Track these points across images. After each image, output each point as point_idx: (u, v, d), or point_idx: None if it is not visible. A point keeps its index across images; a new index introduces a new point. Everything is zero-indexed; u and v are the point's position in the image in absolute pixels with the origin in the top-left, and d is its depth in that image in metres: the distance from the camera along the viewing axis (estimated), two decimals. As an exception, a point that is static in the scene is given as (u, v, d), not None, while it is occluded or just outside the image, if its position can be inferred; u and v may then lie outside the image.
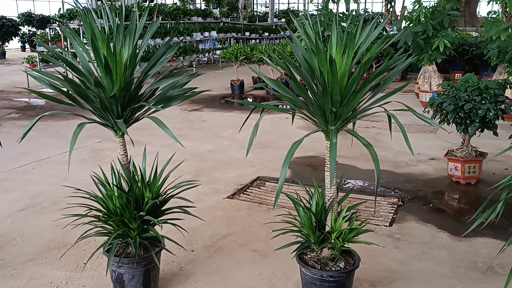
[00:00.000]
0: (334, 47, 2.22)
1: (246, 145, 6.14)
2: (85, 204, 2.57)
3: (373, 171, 2.19)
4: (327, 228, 2.44)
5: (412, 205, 4.05)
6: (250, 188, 4.45)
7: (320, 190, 2.53)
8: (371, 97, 2.39)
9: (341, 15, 7.75)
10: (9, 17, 19.55)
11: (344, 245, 2.42)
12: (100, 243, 3.21)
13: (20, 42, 21.43)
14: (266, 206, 4.00)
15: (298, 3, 31.40)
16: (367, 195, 4.24)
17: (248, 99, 9.90)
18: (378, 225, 3.61)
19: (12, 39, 19.85)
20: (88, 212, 2.56)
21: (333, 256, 2.44)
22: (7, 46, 19.71)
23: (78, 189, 2.62)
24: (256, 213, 3.86)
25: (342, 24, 7.82)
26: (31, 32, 20.57)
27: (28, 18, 20.16)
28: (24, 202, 4.06)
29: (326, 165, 2.37)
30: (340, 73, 2.16)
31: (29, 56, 12.14)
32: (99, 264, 3.00)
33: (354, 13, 10.81)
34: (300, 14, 21.11)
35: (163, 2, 21.19)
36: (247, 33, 17.26)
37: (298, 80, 2.30)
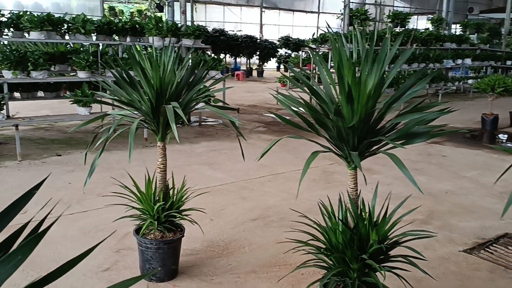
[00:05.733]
0: None
1: (495, 192, 5.28)
2: (308, 232, 2.51)
3: None
4: None
5: None
6: (494, 245, 3.74)
7: None
8: None
9: None
10: (271, 40, 22.08)
11: None
12: (317, 271, 3.14)
13: (276, 63, 23.94)
14: (515, 273, 3.27)
15: None
16: None
17: (501, 136, 8.62)
18: None
19: (270, 60, 22.37)
20: (310, 240, 2.49)
21: None
22: (265, 66, 22.27)
23: (304, 215, 2.58)
24: (501, 279, 3.19)
25: None
26: (286, 54, 22.76)
27: (286, 41, 22.37)
28: (257, 212, 4.33)
29: None
30: None
31: (281, 76, 13.35)
32: (313, 293, 2.91)
33: None
34: None
35: (415, 27, 20.56)
36: (508, 62, 15.21)
37: None
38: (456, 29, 19.40)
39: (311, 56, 11.93)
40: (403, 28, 12.70)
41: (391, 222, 2.32)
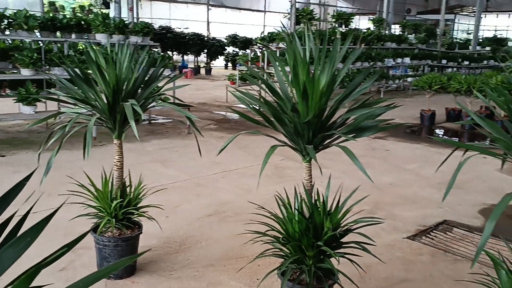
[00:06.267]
0: None
1: (433, 183, 5.64)
2: (265, 223, 2.62)
3: None
4: (537, 303, 2.01)
5: None
6: (434, 231, 4.04)
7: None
8: None
9: None
10: (218, 38, 22.10)
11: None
12: (273, 262, 3.27)
13: (224, 61, 23.98)
14: (453, 255, 3.56)
15: (508, 30, 28.22)
16: None
17: (438, 131, 9.18)
18: None
19: (218, 58, 22.39)
20: (268, 231, 2.60)
21: (541, 338, 1.99)
22: (213, 64, 22.26)
23: (262, 207, 2.69)
24: (441, 262, 3.46)
25: None
26: (234, 52, 22.86)
27: (233, 39, 22.46)
28: (212, 208, 4.41)
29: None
30: None
31: (230, 74, 13.45)
32: (271, 283, 3.04)
33: None
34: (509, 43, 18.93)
35: (357, 26, 21.29)
36: (443, 61, 16.14)
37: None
38: (396, 29, 20.32)
39: (259, 54, 12.10)
40: (347, 28, 13.16)
41: (343, 211, 2.48)
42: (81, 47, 8.86)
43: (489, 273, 2.28)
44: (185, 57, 21.36)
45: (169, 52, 19.58)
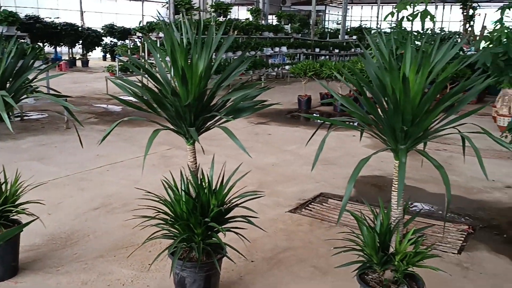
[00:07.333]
0: (407, 65, 2.19)
1: (310, 161, 6.11)
2: (154, 207, 2.69)
3: (442, 195, 2.12)
4: (391, 250, 2.38)
5: (484, 234, 3.83)
6: (312, 203, 4.43)
7: (385, 211, 2.48)
8: (444, 118, 2.32)
9: (415, 33, 7.57)
10: (94, 29, 21.02)
11: (408, 269, 2.34)
12: (164, 246, 3.34)
13: (101, 52, 22.90)
14: (328, 223, 3.96)
15: (371, 20, 31.01)
16: (435, 220, 4.07)
17: (315, 114, 9.88)
18: (446, 251, 3.45)
19: (95, 49, 21.32)
20: (157, 215, 2.67)
21: (395, 279, 2.36)
22: (90, 55, 21.15)
23: (149, 192, 2.75)
24: (318, 229, 3.83)
25: (417, 42, 7.62)
26: (112, 43, 21.94)
27: (110, 29, 21.54)
28: (98, 201, 4.31)
29: (394, 185, 2.32)
30: (413, 92, 2.12)
31: (109, 65, 12.95)
32: (162, 266, 3.12)
33: (429, 31, 10.51)
34: (372, 31, 20.82)
35: (236, 17, 21.78)
36: (317, 49, 17.29)
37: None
38: (273, 19, 21.17)
39: (139, 44, 11.83)
40: (226, 18, 13.42)
41: (227, 188, 2.65)
42: None
43: (356, 232, 2.61)
44: (58, 49, 19.97)
45: (40, 44, 18.15)
